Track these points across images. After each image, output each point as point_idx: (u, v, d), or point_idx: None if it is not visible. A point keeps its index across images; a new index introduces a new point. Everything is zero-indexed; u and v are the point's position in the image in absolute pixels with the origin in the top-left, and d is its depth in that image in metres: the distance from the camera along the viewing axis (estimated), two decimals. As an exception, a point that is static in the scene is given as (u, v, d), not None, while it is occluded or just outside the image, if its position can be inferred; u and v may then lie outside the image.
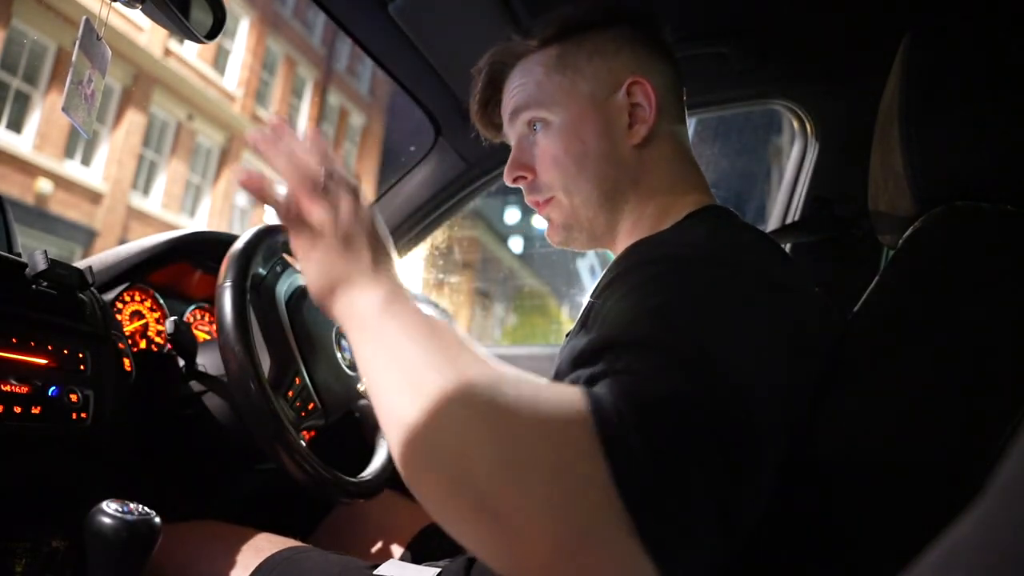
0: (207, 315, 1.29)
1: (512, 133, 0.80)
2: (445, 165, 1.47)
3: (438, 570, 0.80)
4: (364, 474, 1.05)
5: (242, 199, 14.63)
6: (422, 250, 1.71)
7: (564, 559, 0.36)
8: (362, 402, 1.18)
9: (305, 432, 1.06)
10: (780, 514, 0.53)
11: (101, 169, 11.52)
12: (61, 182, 10.66)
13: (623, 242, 0.75)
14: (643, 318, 0.48)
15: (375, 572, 0.82)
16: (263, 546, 0.90)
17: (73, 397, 0.82)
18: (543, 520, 0.37)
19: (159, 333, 1.17)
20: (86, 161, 11.42)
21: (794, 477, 0.54)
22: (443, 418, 0.41)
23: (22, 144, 10.17)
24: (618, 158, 0.74)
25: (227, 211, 14.07)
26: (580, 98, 0.75)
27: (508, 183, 0.80)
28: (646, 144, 0.74)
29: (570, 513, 0.37)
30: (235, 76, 14.21)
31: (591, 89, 0.75)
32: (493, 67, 0.81)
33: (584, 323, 0.57)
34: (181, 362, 1.01)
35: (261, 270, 1.00)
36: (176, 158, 12.90)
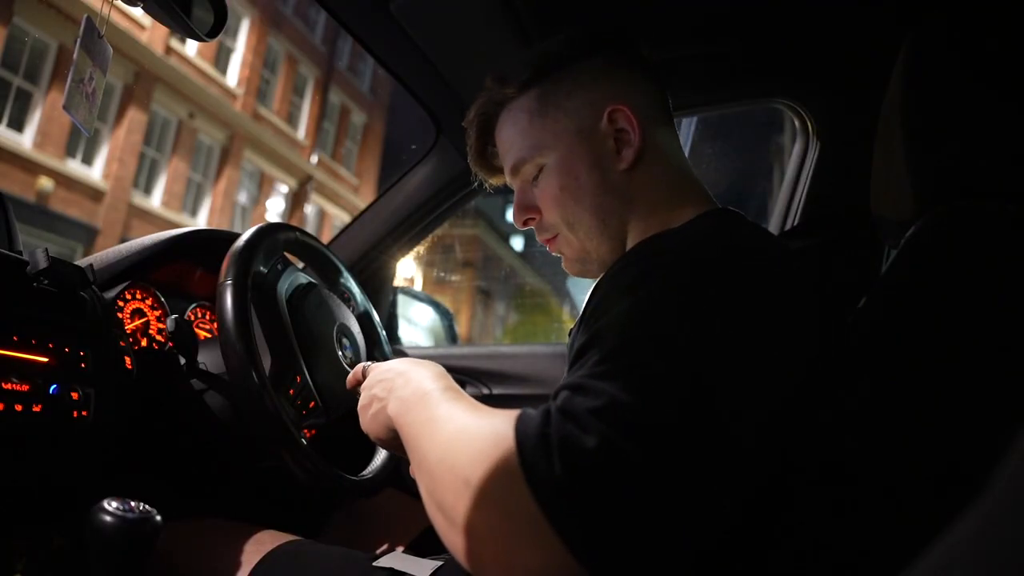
0: (208, 313, 1.29)
1: (515, 182, 0.84)
2: (446, 163, 1.47)
3: (439, 563, 0.81)
4: (365, 472, 1.05)
5: (243, 197, 14.65)
6: (423, 249, 1.71)
7: (507, 562, 0.45)
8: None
9: (306, 430, 1.06)
10: (780, 513, 0.53)
11: (102, 167, 11.53)
12: (62, 180, 10.67)
13: None
14: (616, 324, 0.53)
15: (376, 564, 0.83)
16: (265, 541, 0.90)
17: (74, 395, 0.82)
18: (487, 534, 0.46)
19: (160, 331, 1.17)
20: (87, 159, 11.42)
21: (793, 477, 0.54)
22: (429, 473, 0.53)
23: (24, 142, 10.18)
24: (611, 185, 0.76)
25: (228, 209, 14.07)
26: (566, 135, 0.77)
27: (518, 226, 0.84)
28: (636, 166, 0.76)
29: (505, 529, 0.45)
30: (236, 74, 14.21)
31: (575, 124, 0.76)
32: (480, 119, 0.85)
33: (581, 321, 0.59)
34: (182, 360, 1.01)
35: (262, 268, 1.00)
36: (177, 156, 12.90)
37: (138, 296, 1.14)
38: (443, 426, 0.54)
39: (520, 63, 0.80)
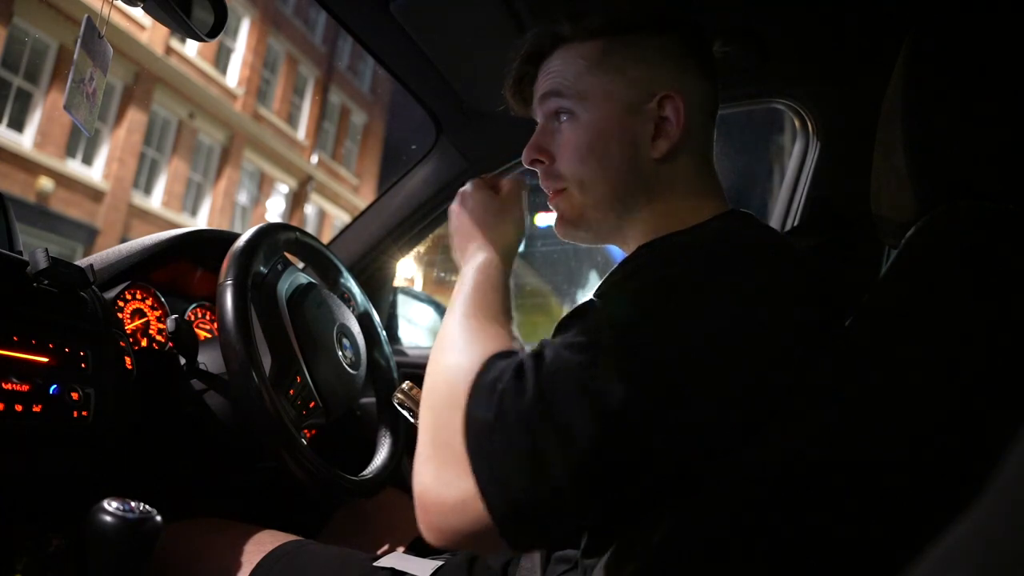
0: (208, 313, 1.29)
1: (539, 113, 0.80)
2: (446, 164, 1.47)
3: (439, 563, 0.81)
4: (365, 472, 1.05)
5: (243, 197, 14.65)
6: (423, 248, 1.71)
7: (433, 490, 0.52)
8: (363, 401, 1.17)
9: (306, 431, 1.06)
10: (780, 514, 0.53)
11: (102, 167, 11.53)
12: (62, 180, 10.67)
13: (635, 242, 0.74)
14: (601, 307, 0.56)
15: (376, 564, 0.83)
16: (265, 541, 0.90)
17: (74, 395, 0.82)
18: (426, 459, 0.53)
19: (160, 331, 1.17)
20: (87, 159, 11.42)
21: (793, 477, 0.54)
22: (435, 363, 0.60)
23: (24, 142, 10.18)
24: (637, 168, 0.73)
25: (228, 209, 14.07)
26: (614, 101, 0.74)
27: (525, 164, 0.79)
28: (667, 159, 0.73)
29: (437, 458, 0.52)
30: (236, 74, 14.21)
31: (627, 94, 0.74)
32: (535, 45, 0.79)
33: None
34: (182, 360, 1.01)
35: (262, 268, 1.00)
36: (177, 156, 12.90)
37: (138, 296, 1.14)
38: (442, 351, 0.60)
39: (591, 11, 0.77)
